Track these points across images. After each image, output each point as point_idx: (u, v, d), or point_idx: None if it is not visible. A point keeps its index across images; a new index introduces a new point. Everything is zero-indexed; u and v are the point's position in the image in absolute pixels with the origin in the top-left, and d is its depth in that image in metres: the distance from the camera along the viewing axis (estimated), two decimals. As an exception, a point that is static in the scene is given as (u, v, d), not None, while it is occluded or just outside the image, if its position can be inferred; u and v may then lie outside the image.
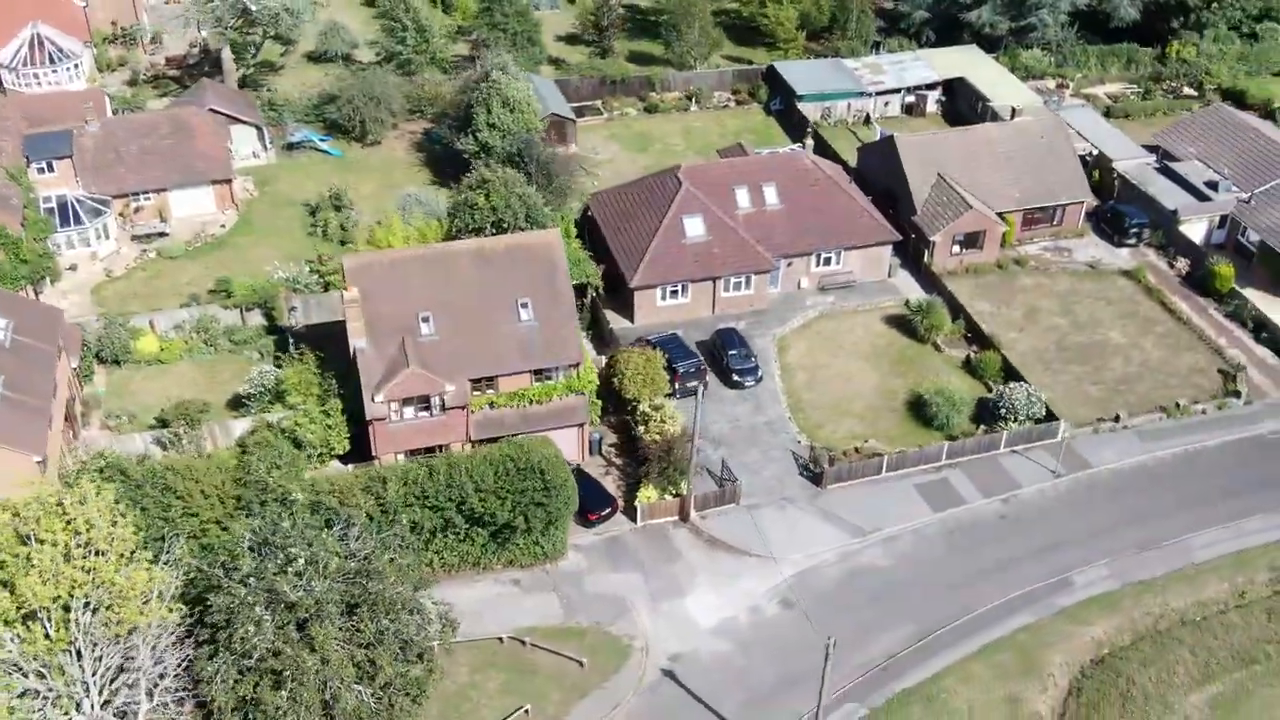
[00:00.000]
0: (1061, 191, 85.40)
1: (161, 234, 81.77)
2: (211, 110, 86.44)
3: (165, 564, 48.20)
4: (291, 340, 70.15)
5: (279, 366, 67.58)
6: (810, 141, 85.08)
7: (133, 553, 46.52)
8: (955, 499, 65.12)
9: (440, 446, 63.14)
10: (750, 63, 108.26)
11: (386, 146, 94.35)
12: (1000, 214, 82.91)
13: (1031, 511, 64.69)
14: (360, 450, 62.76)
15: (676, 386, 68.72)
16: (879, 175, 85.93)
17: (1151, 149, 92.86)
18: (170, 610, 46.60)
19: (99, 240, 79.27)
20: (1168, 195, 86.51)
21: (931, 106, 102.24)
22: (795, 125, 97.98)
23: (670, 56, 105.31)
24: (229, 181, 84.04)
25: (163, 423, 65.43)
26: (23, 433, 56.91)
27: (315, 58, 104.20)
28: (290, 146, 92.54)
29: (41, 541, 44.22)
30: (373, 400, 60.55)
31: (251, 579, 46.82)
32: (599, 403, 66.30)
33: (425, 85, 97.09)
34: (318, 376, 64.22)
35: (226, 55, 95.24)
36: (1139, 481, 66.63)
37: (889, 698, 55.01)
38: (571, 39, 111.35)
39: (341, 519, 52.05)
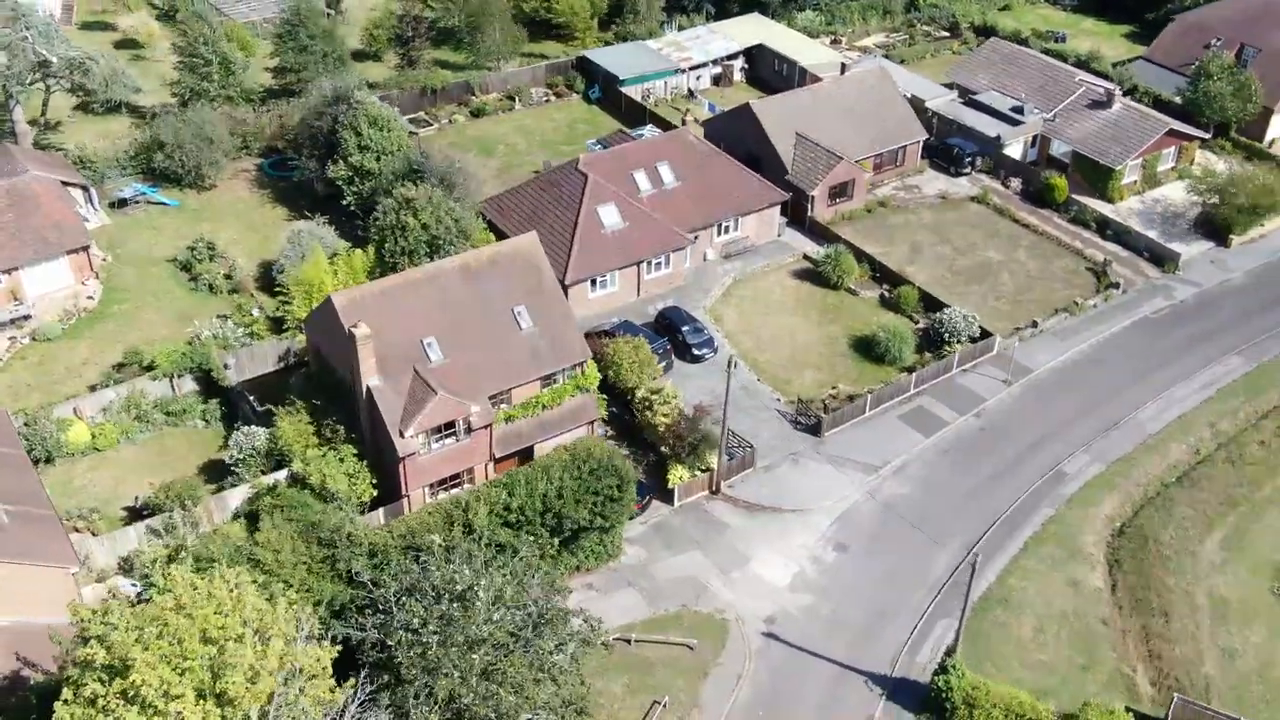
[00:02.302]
0: (901, 134, 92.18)
1: (25, 316, 73.57)
2: (34, 175, 78.24)
3: (310, 638, 44.83)
4: (249, 401, 65.63)
5: (246, 425, 63.16)
6: (690, 119, 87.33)
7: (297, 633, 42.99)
8: (937, 422, 69.90)
9: (465, 472, 61.35)
10: (545, 56, 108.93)
11: (225, 188, 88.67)
12: (856, 162, 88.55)
13: (1002, 419, 70.47)
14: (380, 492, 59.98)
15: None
16: (735, 143, 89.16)
17: (948, 86, 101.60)
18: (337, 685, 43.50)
19: (-42, 336, 70.66)
20: (984, 125, 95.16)
21: (737, 75, 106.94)
22: (625, 111, 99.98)
23: (474, 59, 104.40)
24: (85, 249, 76.62)
25: (149, 510, 59.69)
26: (46, 546, 50.90)
27: (88, 108, 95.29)
28: (121, 203, 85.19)
29: (228, 640, 40.09)
30: (402, 436, 58.01)
31: (430, 626, 44.50)
32: (604, 398, 66.23)
33: (248, 120, 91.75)
34: (314, 426, 60.60)
35: (19, 115, 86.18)
36: (1074, 375, 73.94)
37: (972, 605, 58.85)
38: (357, 55, 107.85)
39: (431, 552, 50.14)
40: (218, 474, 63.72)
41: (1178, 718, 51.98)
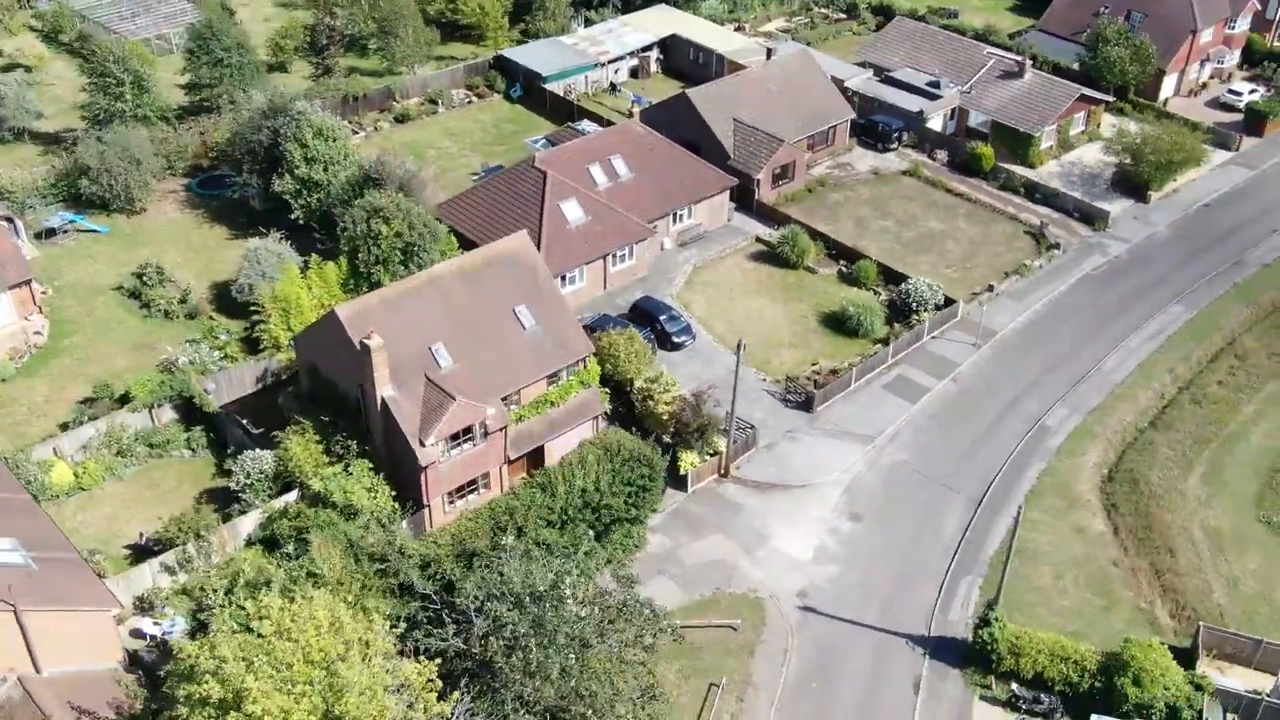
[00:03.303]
0: (830, 114, 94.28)
1: (-29, 359, 69.83)
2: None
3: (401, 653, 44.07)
4: (242, 425, 63.66)
5: (245, 450, 61.30)
6: (636, 111, 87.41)
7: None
8: (919, 389, 71.99)
9: (482, 477, 60.75)
10: (455, 58, 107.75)
11: (155, 211, 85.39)
12: (794, 143, 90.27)
13: (977, 382, 72.96)
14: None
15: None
16: (673, 132, 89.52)
17: (862, 65, 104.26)
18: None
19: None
20: (905, 101, 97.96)
21: (654, 67, 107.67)
22: (550, 108, 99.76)
23: (388, 65, 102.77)
24: (27, 283, 72.91)
25: (159, 545, 57.42)
26: (82, 589, 48.61)
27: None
28: (49, 233, 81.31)
29: (332, 661, 39.08)
30: (423, 445, 57.09)
31: (521, 628, 44.15)
32: (607, 391, 66.23)
33: (169, 139, 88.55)
34: (323, 444, 59.18)
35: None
36: (1035, 333, 77.01)
37: (989, 560, 61.00)
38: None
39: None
40: (215, 502, 61.56)
41: (1207, 644, 54.77)
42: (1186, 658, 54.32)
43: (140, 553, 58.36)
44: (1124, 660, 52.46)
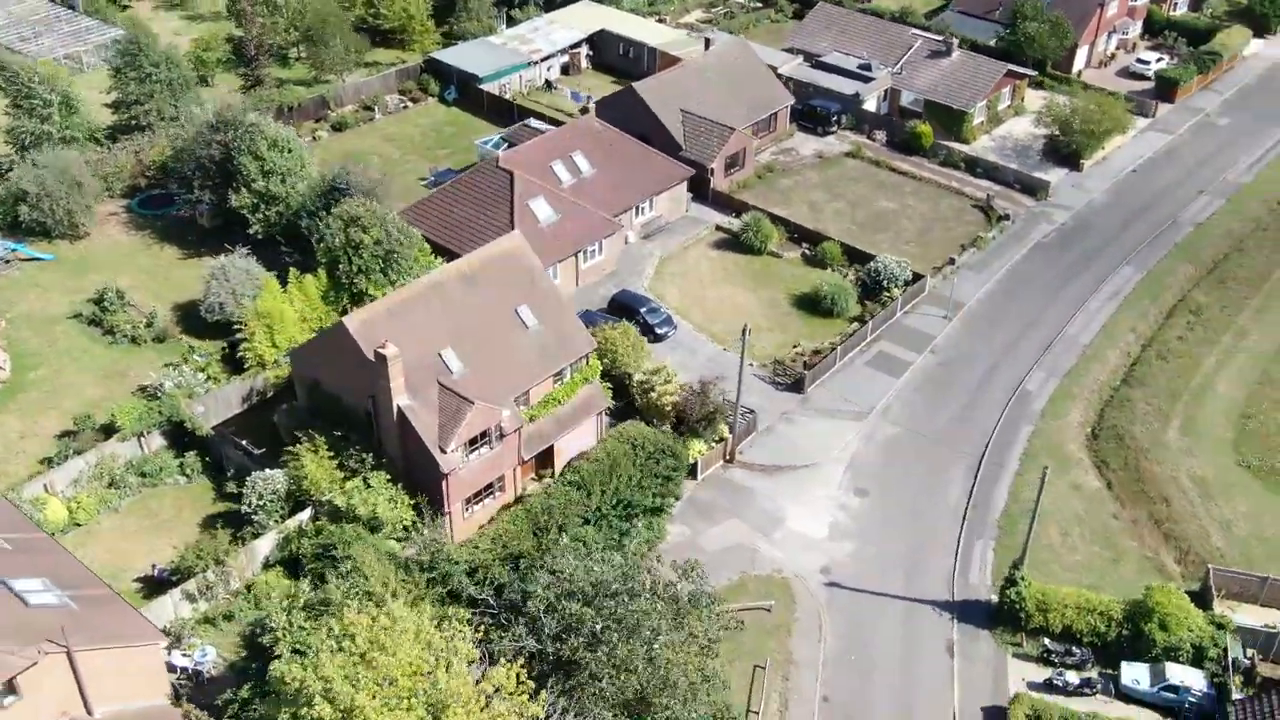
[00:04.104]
0: (771, 101, 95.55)
1: (-66, 399, 66.64)
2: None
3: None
4: (242, 446, 62.07)
5: (254, 471, 59.83)
6: (591, 107, 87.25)
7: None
8: (901, 363, 73.63)
9: (497, 480, 60.31)
10: (379, 64, 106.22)
11: (100, 235, 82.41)
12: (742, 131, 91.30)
13: (954, 353, 74.91)
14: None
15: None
16: (622, 126, 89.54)
17: (789, 52, 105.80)
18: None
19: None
20: (840, 84, 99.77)
21: (584, 63, 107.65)
22: (488, 109, 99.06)
23: (317, 73, 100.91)
24: (-17, 316, 69.99)
25: (177, 575, 55.69)
26: (126, 625, 46.98)
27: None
28: (-9, 265, 78.04)
29: (428, 672, 38.53)
30: (444, 452, 56.44)
31: (600, 624, 44.13)
32: (609, 386, 66.22)
33: (105, 160, 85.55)
34: (336, 459, 58.12)
35: None
36: (999, 302, 79.39)
37: (996, 523, 62.80)
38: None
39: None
40: (219, 527, 59.82)
41: (1219, 585, 57.28)
42: (1199, 600, 56.68)
43: (154, 584, 56.45)
44: (1149, 607, 54.59)
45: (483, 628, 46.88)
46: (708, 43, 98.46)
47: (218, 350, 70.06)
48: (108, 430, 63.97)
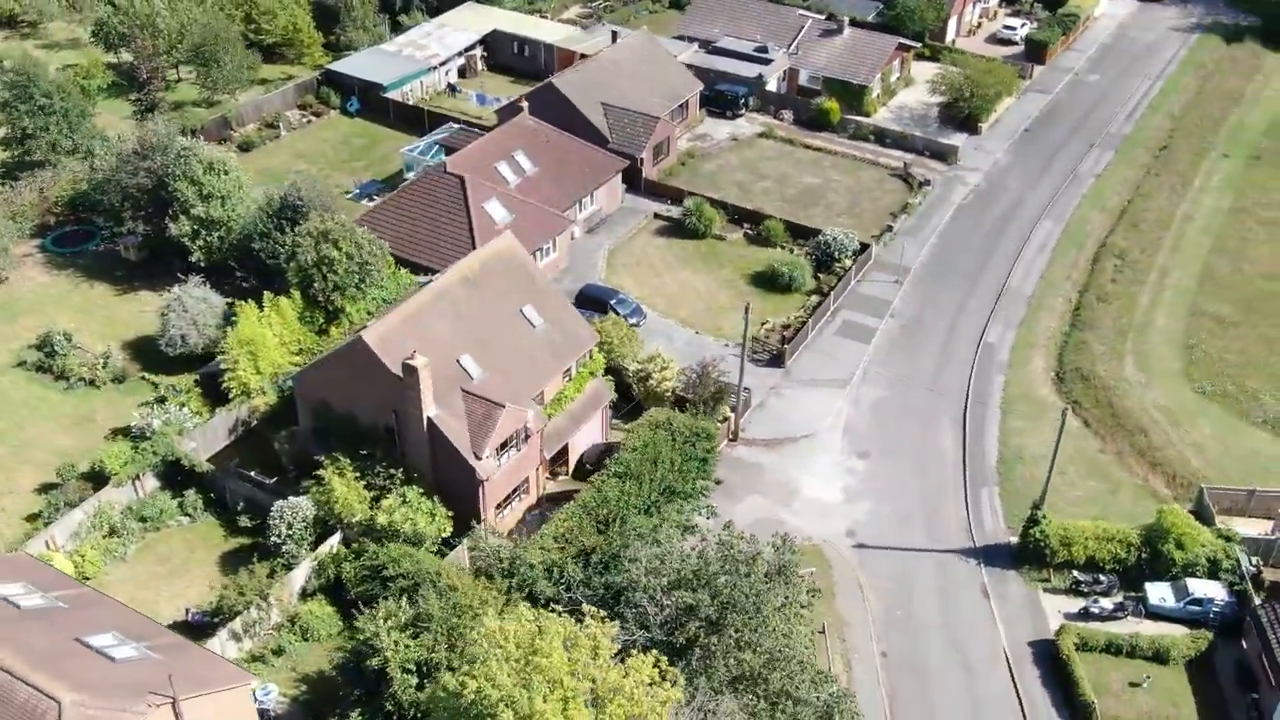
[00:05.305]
0: (683, 89, 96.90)
1: (-113, 467, 62.00)
2: None
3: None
4: (251, 478, 59.96)
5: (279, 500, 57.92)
6: (525, 105, 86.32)
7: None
8: (867, 329, 76.09)
9: (523, 483, 59.97)
10: (266, 81, 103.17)
11: (20, 278, 77.66)
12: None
13: (913, 315, 77.84)
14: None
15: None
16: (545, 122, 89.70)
17: (679, 39, 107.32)
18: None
19: None
20: (741, 68, 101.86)
21: (480, 65, 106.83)
22: (395, 118, 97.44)
23: (208, 93, 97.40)
24: (-75, 373, 65.38)
25: (218, 617, 53.48)
26: (213, 669, 45.13)
27: None
28: (-91, 319, 72.79)
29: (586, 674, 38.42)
30: (478, 458, 55.84)
31: (713, 609, 44.73)
32: (611, 379, 66.36)
33: (10, 197, 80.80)
34: (362, 479, 56.84)
35: None
36: (940, 262, 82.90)
37: (995, 469, 65.77)
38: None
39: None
40: (239, 562, 57.72)
41: (1213, 500, 61.38)
42: (1199, 518, 60.63)
43: (191, 629, 54.00)
44: (1164, 528, 58.22)
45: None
46: (614, 35, 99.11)
47: (189, 383, 67.10)
48: (94, 478, 60.76)
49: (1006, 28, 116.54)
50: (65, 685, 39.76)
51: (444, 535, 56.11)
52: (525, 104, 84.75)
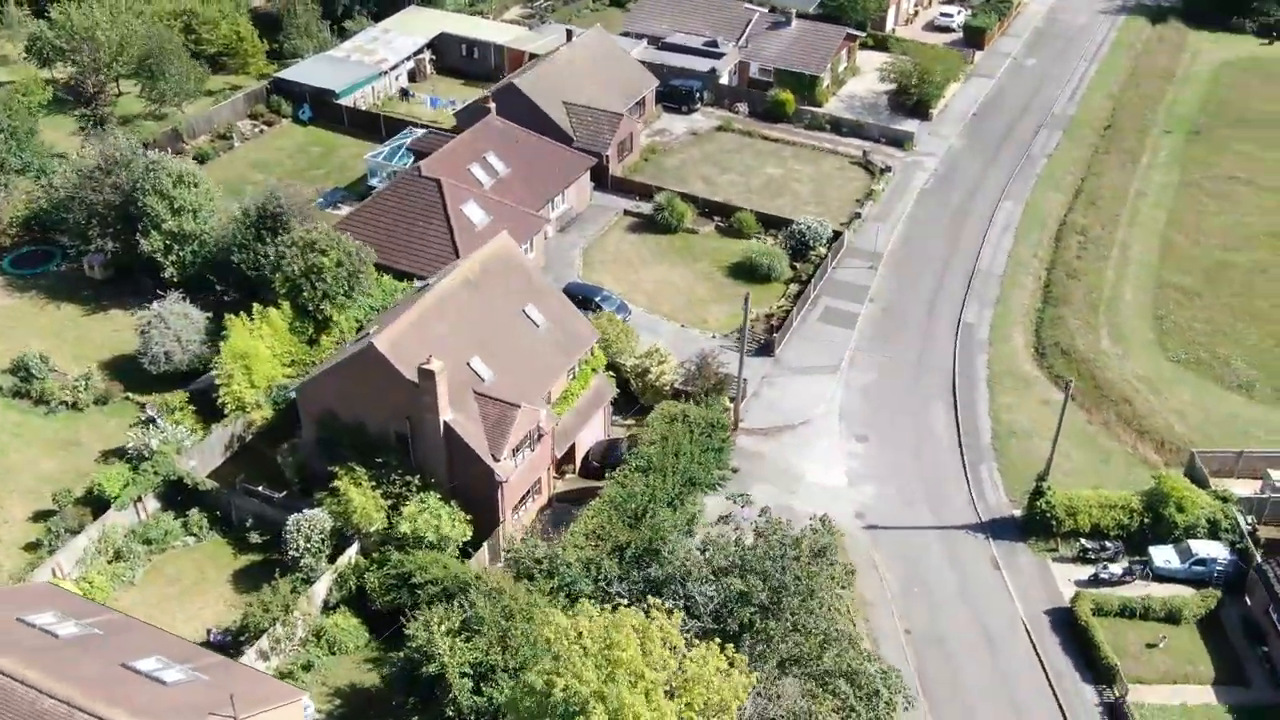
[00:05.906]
0: (640, 85, 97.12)
1: None
2: None
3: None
4: (257, 493, 58.87)
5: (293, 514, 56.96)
6: (493, 106, 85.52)
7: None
8: (848, 315, 77.08)
9: (535, 483, 59.75)
10: (211, 92, 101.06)
11: (-20, 303, 75.41)
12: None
13: (891, 299, 79.04)
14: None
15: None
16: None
17: (628, 36, 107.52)
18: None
19: None
20: (694, 63, 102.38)
21: (429, 68, 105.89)
22: (350, 124, 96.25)
23: (155, 106, 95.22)
24: (-100, 404, 63.04)
25: (242, 636, 52.45)
26: (264, 687, 44.33)
27: None
28: None
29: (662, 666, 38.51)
30: (497, 460, 55.51)
31: (764, 594, 45.15)
32: (612, 375, 66.32)
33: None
34: (379, 487, 56.18)
35: None
36: (911, 246, 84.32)
37: (991, 446, 67.14)
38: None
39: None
40: (251, 579, 56.76)
41: (1205, 464, 63.31)
42: (1193, 481, 62.50)
43: (216, 649, 52.79)
44: (1164, 493, 59.96)
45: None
46: (569, 34, 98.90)
47: (181, 400, 65.56)
48: (90, 503, 59.13)
49: (943, 15, 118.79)
50: (124, 711, 38.80)
51: (465, 539, 55.59)
52: (493, 105, 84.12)
